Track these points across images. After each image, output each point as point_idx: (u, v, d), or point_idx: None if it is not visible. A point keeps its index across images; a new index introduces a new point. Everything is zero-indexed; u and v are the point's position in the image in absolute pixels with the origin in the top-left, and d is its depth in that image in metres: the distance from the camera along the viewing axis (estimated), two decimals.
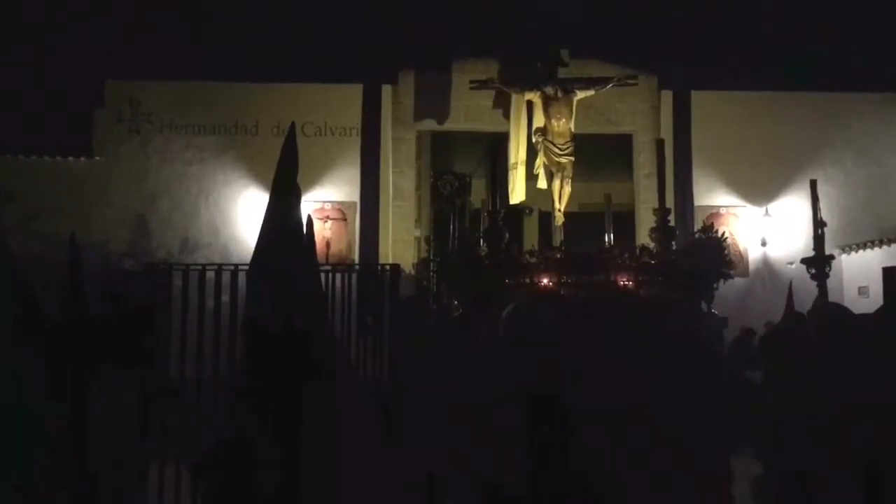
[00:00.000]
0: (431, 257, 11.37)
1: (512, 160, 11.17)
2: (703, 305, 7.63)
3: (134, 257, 10.74)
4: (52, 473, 2.94)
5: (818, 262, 8.09)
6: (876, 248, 11.35)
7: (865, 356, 3.08)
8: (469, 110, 12.31)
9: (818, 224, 8.19)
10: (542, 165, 10.83)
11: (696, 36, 12.11)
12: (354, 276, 6.02)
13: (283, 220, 3.13)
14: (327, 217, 11.69)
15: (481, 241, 8.94)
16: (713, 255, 8.36)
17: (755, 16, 12.52)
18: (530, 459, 3.10)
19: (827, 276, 8.05)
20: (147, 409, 4.32)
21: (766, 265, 12.02)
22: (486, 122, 12.26)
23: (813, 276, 8.15)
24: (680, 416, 2.81)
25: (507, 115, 11.63)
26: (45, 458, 2.93)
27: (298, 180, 3.23)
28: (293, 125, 3.29)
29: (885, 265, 7.29)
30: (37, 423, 2.89)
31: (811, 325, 3.66)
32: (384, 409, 3.56)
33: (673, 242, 8.80)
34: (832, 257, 8.26)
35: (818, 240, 8.15)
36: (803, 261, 8.48)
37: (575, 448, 2.99)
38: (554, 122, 10.57)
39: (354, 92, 12.09)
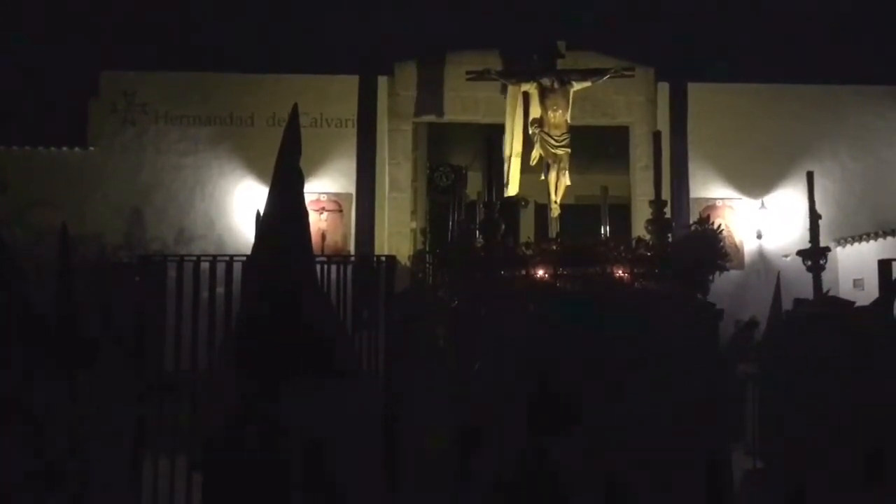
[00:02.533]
0: (427, 249, 11.34)
1: (507, 152, 11.13)
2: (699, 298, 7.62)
3: (129, 249, 10.71)
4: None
5: (813, 255, 8.07)
6: (871, 241, 11.37)
7: (862, 347, 3.08)
8: (465, 102, 12.27)
9: (814, 216, 8.16)
10: (538, 157, 10.79)
11: (693, 28, 12.08)
12: (350, 268, 6.01)
13: (287, 205, 3.10)
14: (323, 209, 11.66)
15: (477, 233, 8.91)
16: (709, 247, 8.35)
17: (753, 8, 12.48)
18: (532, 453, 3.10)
19: (822, 268, 8.03)
20: (142, 403, 4.32)
21: (762, 258, 12.03)
22: (483, 114, 12.22)
23: (809, 269, 8.13)
24: (676, 410, 2.80)
25: (503, 107, 11.57)
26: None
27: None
28: (296, 107, 3.24)
29: (880, 258, 7.29)
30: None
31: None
32: (385, 404, 3.55)
33: (669, 235, 8.77)
34: (828, 249, 8.22)
35: (813, 232, 8.12)
36: (799, 253, 8.46)
37: (577, 443, 2.99)
38: (550, 114, 10.51)
39: (350, 83, 12.04)
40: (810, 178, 8.29)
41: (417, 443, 3.95)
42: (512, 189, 11.14)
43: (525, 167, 11.10)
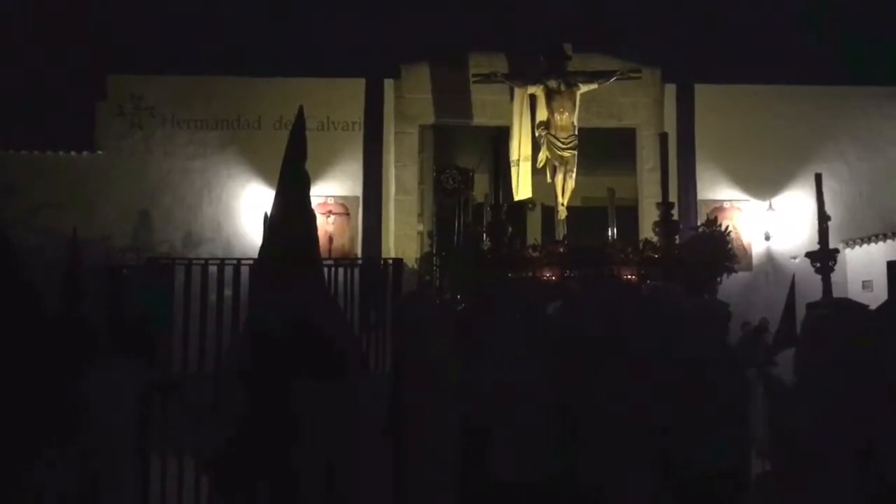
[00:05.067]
0: (434, 252, 11.34)
1: (514, 156, 11.11)
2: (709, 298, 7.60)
3: (136, 252, 10.72)
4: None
5: (823, 256, 8.04)
6: (880, 243, 11.31)
7: (874, 351, 3.06)
8: (472, 104, 12.27)
9: (823, 218, 8.13)
10: (545, 159, 10.77)
11: (700, 29, 12.06)
12: (357, 271, 6.00)
13: (293, 209, 3.08)
14: (330, 212, 11.67)
15: (484, 235, 8.92)
16: (717, 249, 8.34)
17: (758, 9, 12.46)
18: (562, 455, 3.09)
19: (831, 270, 8.00)
20: (148, 404, 4.32)
21: (770, 259, 12.00)
22: (489, 117, 12.22)
23: (817, 270, 8.10)
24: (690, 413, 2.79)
25: (510, 110, 11.57)
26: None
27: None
28: (301, 109, 3.21)
29: (889, 259, 7.26)
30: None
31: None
32: (392, 405, 3.54)
33: (676, 236, 8.77)
34: (837, 251, 8.19)
35: (823, 234, 8.09)
36: (808, 255, 8.43)
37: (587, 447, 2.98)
38: (557, 116, 10.50)
39: (357, 86, 12.06)
40: (819, 180, 8.27)
41: (424, 445, 3.94)
42: (524, 192, 11.11)
43: (532, 169, 11.09)
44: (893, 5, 12.40)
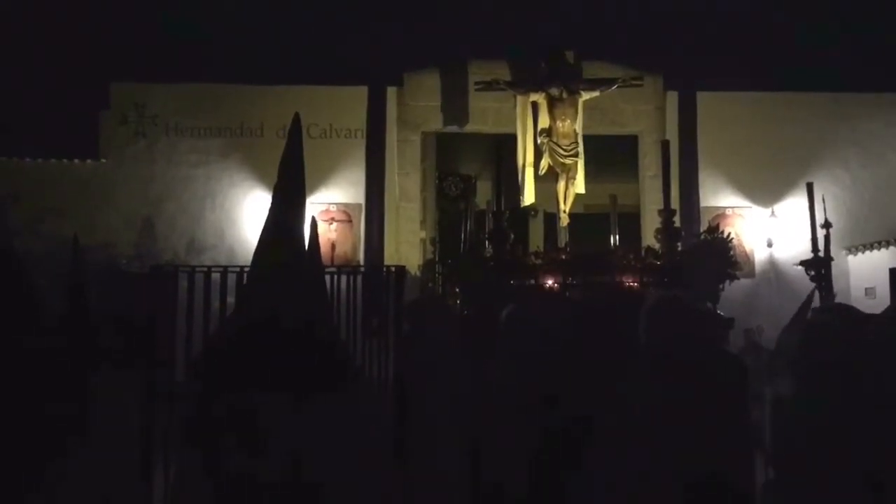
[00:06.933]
0: (437, 259, 11.35)
1: (520, 162, 11.14)
2: (710, 306, 7.60)
3: (139, 259, 10.75)
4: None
5: (818, 265, 8.02)
6: (882, 249, 11.30)
7: (871, 358, 3.06)
8: (474, 112, 12.30)
9: (816, 226, 8.12)
10: (547, 166, 10.79)
11: (702, 36, 12.06)
12: (360, 278, 6.01)
13: (284, 220, 3.08)
14: (332, 219, 11.69)
15: (486, 242, 8.92)
16: (719, 256, 8.33)
17: (761, 16, 12.47)
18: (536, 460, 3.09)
19: (821, 278, 7.96)
20: (150, 411, 4.33)
21: (772, 266, 12.00)
22: (492, 124, 12.25)
23: (812, 279, 8.08)
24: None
25: (512, 117, 11.60)
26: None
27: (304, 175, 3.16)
28: (297, 116, 3.21)
29: (891, 266, 7.24)
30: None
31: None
32: (396, 413, 3.54)
33: (678, 243, 8.77)
34: (831, 259, 8.14)
35: (815, 242, 8.09)
36: (802, 263, 8.41)
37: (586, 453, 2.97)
38: (559, 124, 10.53)
39: (359, 94, 12.09)
40: (810, 189, 8.26)
41: (428, 454, 3.94)
42: (527, 198, 11.15)
43: (536, 176, 11.11)
44: (895, 9, 12.40)
